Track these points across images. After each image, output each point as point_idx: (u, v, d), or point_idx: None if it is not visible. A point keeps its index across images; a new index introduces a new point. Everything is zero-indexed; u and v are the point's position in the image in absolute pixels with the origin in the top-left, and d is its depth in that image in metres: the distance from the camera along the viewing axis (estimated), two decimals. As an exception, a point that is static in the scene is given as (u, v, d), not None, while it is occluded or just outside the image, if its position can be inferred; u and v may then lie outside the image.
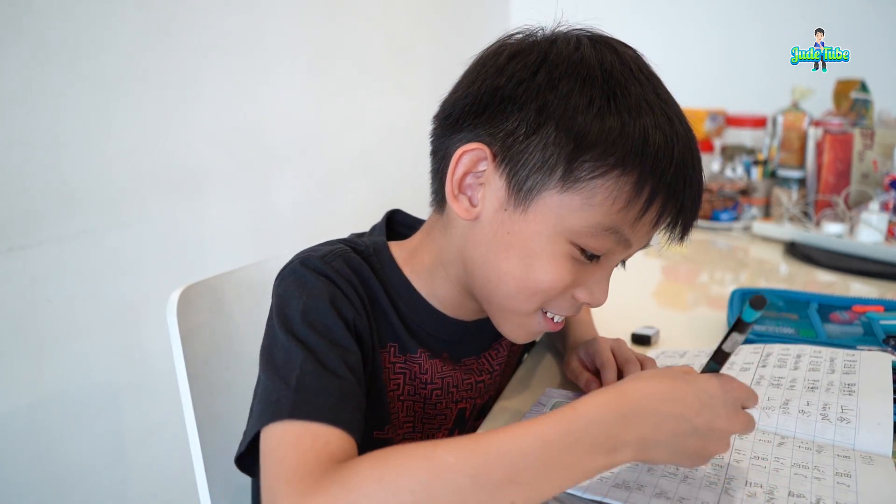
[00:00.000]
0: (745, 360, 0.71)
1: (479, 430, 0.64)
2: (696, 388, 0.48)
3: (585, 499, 0.51)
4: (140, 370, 1.08)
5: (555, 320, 0.62)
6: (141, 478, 1.11)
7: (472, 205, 0.58)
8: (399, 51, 1.78)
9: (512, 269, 0.57)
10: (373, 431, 0.63)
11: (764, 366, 0.70)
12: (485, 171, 0.57)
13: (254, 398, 0.54)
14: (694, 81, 2.20)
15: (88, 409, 1.01)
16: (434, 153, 0.62)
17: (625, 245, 0.57)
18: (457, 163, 0.57)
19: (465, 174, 0.57)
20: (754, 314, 0.44)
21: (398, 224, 0.72)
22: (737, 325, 0.46)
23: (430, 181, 0.64)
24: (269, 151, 1.36)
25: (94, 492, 1.03)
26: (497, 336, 0.70)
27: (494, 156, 0.56)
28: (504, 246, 0.57)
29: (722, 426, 0.48)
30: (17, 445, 0.92)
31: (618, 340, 0.72)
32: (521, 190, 0.55)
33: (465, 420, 0.69)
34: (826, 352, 0.71)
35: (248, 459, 0.52)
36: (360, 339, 0.58)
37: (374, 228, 0.71)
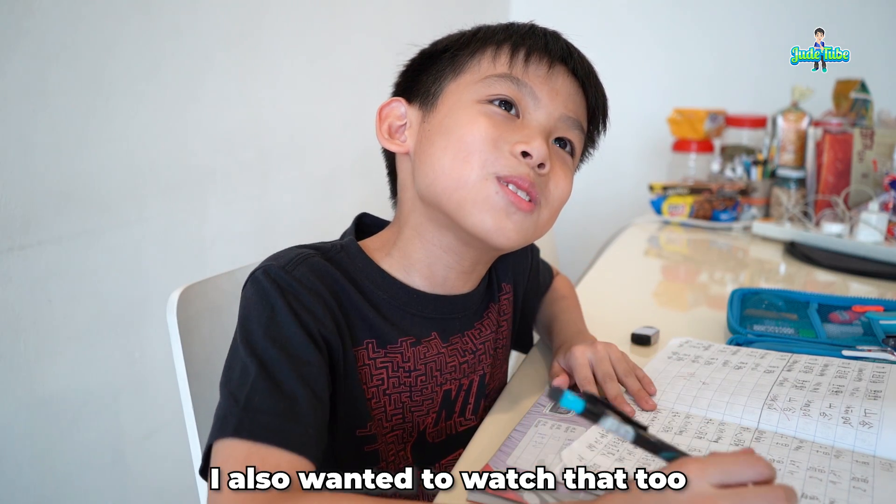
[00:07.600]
0: (771, 364, 0.70)
1: (482, 426, 0.64)
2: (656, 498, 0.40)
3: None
4: (140, 370, 1.08)
5: (517, 193, 0.60)
6: (141, 478, 1.11)
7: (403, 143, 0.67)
8: (399, 51, 1.78)
9: (441, 151, 0.62)
10: (355, 430, 0.63)
11: (789, 370, 0.69)
12: (405, 113, 0.67)
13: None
14: (694, 81, 2.21)
15: (88, 409, 1.01)
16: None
17: (519, 86, 0.62)
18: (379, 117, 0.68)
19: (389, 126, 0.68)
20: (570, 400, 0.40)
21: (367, 226, 0.74)
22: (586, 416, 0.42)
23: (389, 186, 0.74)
24: (269, 151, 1.36)
25: (94, 492, 1.03)
26: (478, 315, 0.72)
27: (408, 101, 0.68)
28: (430, 144, 0.63)
29: None
30: (17, 445, 0.92)
31: (607, 345, 0.70)
32: (428, 96, 0.65)
33: (452, 401, 0.69)
34: (855, 363, 0.70)
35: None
36: (329, 344, 0.59)
37: (344, 233, 0.72)
